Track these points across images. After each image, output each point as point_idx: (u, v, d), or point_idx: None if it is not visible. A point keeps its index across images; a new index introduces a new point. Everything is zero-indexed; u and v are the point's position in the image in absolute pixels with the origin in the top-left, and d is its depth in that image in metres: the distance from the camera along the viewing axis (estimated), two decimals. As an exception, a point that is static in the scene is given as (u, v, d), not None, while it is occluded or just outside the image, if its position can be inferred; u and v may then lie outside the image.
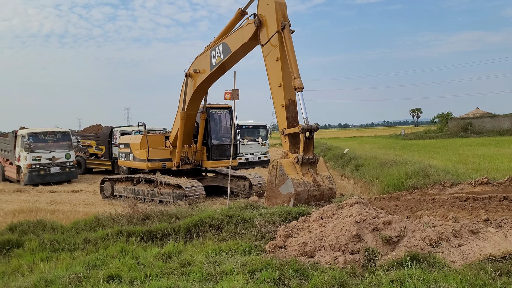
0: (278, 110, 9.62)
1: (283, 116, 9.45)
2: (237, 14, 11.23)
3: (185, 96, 13.41)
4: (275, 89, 9.67)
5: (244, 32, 10.49)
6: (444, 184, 10.98)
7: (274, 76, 9.66)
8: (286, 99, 9.38)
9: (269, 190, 9.30)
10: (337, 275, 4.96)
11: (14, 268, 6.31)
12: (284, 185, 8.83)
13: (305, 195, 8.75)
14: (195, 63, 13.03)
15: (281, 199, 8.90)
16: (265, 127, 26.62)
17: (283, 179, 8.89)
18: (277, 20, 9.42)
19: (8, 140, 22.07)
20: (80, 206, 14.13)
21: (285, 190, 8.82)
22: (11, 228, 8.06)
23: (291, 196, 8.65)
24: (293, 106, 9.52)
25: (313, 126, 9.03)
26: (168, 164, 14.42)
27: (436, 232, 5.68)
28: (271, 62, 9.72)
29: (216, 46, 11.75)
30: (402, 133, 55.56)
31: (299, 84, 9.08)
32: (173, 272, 5.54)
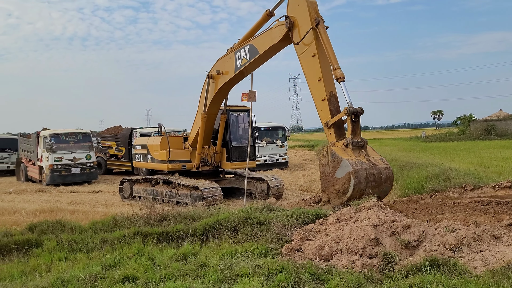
0: (319, 104, 9.45)
1: (325, 108, 9.27)
2: (264, 15, 11.24)
3: (207, 97, 13.43)
4: (314, 84, 9.56)
5: (274, 33, 10.48)
6: (465, 188, 10.74)
7: (312, 72, 9.59)
8: (327, 91, 9.26)
9: (324, 181, 8.88)
10: (354, 280, 4.87)
11: (32, 267, 6.37)
12: (340, 168, 8.41)
13: (364, 173, 8.30)
14: (218, 65, 13.01)
15: (339, 183, 8.41)
16: (283, 129, 26.54)
17: (337, 163, 8.48)
18: (310, 18, 9.45)
19: (31, 141, 22.48)
20: (99, 206, 14.28)
21: (342, 172, 8.36)
22: (31, 227, 8.16)
23: (350, 175, 8.16)
24: (334, 98, 9.38)
25: (358, 109, 8.90)
26: (188, 166, 14.47)
27: (456, 236, 5.54)
28: (308, 59, 9.67)
29: (242, 48, 11.73)
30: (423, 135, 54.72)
31: (340, 74, 9.05)
32: (188, 274, 5.52)
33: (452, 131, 56.32)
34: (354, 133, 8.83)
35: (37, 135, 21.45)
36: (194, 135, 14.48)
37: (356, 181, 8.13)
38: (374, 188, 8.41)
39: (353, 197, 8.15)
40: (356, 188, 8.15)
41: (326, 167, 8.76)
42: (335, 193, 8.50)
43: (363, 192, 8.24)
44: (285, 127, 27.07)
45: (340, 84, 9.09)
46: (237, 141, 14.88)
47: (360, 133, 8.98)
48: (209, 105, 13.55)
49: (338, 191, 8.39)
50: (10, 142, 27.32)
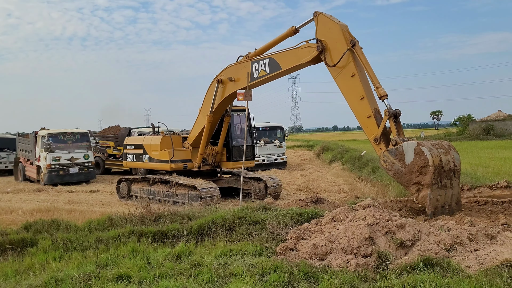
0: (364, 121, 9.45)
1: (372, 125, 9.25)
2: (289, 31, 11.28)
3: (214, 100, 13.40)
4: (356, 103, 9.56)
5: (301, 53, 10.50)
6: (462, 187, 10.74)
7: (353, 91, 9.60)
8: (371, 108, 9.30)
9: (401, 178, 8.48)
10: (347, 279, 4.87)
11: (26, 266, 6.36)
12: (406, 154, 8.25)
13: (427, 143, 8.33)
14: (230, 71, 12.90)
15: (415, 163, 8.12)
16: (282, 129, 26.52)
17: (401, 153, 8.34)
18: (345, 40, 9.52)
19: (29, 140, 22.45)
20: (96, 206, 14.26)
21: (411, 154, 8.19)
22: (26, 227, 8.14)
23: (418, 146, 8.08)
24: (379, 114, 9.36)
25: (397, 111, 8.99)
26: (189, 165, 14.44)
27: (451, 236, 5.54)
28: (346, 79, 9.69)
29: (261, 60, 11.68)
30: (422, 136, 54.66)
31: (384, 92, 9.16)
32: (182, 273, 5.51)
33: (451, 131, 56.36)
34: (398, 133, 8.84)
35: (35, 135, 21.41)
36: (195, 135, 14.44)
37: (427, 148, 8.07)
38: (445, 154, 8.36)
39: (436, 164, 8.01)
40: (432, 153, 8.06)
41: (393, 166, 8.55)
42: (419, 173, 8.15)
43: (440, 158, 8.16)
44: (284, 127, 27.05)
45: (385, 102, 9.14)
46: (238, 141, 14.90)
47: (403, 133, 9.01)
48: (216, 108, 13.53)
49: (421, 167, 8.09)
50: (8, 141, 27.28)
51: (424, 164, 7.99)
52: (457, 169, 8.58)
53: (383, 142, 8.93)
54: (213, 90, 13.36)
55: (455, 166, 8.47)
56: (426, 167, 7.97)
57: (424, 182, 8.05)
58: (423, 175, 8.05)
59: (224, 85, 13.06)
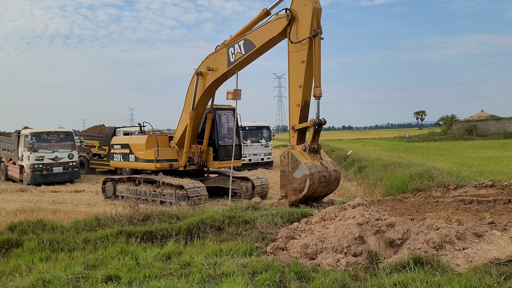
0: (292, 107, 10.12)
1: (296, 113, 10.01)
2: (261, 13, 11.29)
3: (195, 95, 13.34)
4: (294, 88, 10.05)
5: (273, 26, 10.56)
6: (448, 187, 10.88)
7: (296, 76, 10.01)
8: (302, 99, 9.89)
9: (283, 179, 9.91)
10: (338, 278, 4.88)
11: (12, 268, 6.26)
12: (298, 170, 9.51)
13: (317, 175, 9.47)
14: (208, 61, 12.91)
15: (296, 183, 9.49)
16: (268, 128, 26.52)
17: (296, 165, 9.57)
18: (311, 26, 9.62)
19: (12, 140, 22.08)
20: (82, 206, 14.09)
21: (300, 173, 9.47)
22: (11, 227, 8.00)
23: (306, 177, 9.29)
24: (307, 107, 10.02)
25: (322, 121, 9.83)
26: (175, 165, 14.34)
27: (440, 234, 5.59)
28: (296, 62, 9.97)
29: (236, 43, 11.71)
30: (406, 136, 55.34)
31: (319, 93, 9.74)
32: (173, 273, 5.47)
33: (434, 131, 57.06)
34: (313, 140, 9.88)
35: (18, 134, 21.08)
36: (180, 134, 14.36)
37: (311, 182, 9.32)
38: (324, 187, 9.72)
39: (307, 195, 9.38)
40: (311, 188, 9.35)
41: (286, 167, 9.84)
42: (292, 191, 9.57)
43: (315, 190, 9.55)
44: (270, 127, 27.06)
45: (315, 102, 9.87)
46: (224, 140, 14.82)
47: (318, 140, 10.07)
48: (197, 103, 13.46)
49: (295, 189, 9.50)
50: (-10, 141, 26.80)
51: (299, 189, 9.44)
52: (327, 194, 10.23)
53: (297, 133, 10.05)
54: (194, 84, 13.32)
55: (325, 194, 10.07)
56: (300, 191, 9.41)
57: (290, 198, 9.60)
58: (294, 194, 9.55)
59: (204, 77, 13.09)
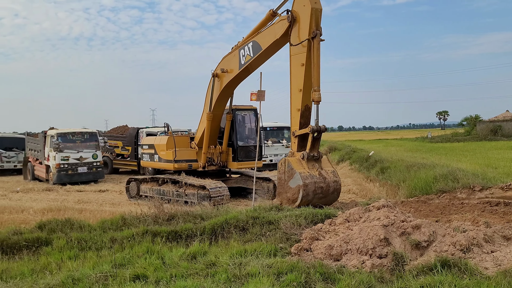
0: (293, 112, 10.07)
1: (296, 119, 9.94)
2: (268, 15, 11.29)
3: (212, 96, 13.46)
4: (294, 92, 9.99)
5: (276, 28, 10.57)
6: (473, 188, 10.70)
7: (296, 79, 9.93)
8: (303, 104, 9.79)
9: (279, 187, 9.90)
10: (364, 280, 4.87)
11: (42, 265, 6.40)
12: (293, 179, 9.42)
13: (312, 186, 9.31)
14: (223, 63, 13.04)
15: (290, 192, 9.42)
16: (289, 129, 26.44)
17: (291, 174, 9.49)
18: (310, 27, 9.53)
19: (38, 140, 22.57)
20: (106, 205, 14.33)
21: (294, 183, 9.38)
22: (40, 226, 8.19)
23: (300, 187, 9.17)
24: (307, 112, 9.91)
25: (321, 127, 9.65)
26: (194, 165, 14.47)
27: (467, 237, 5.53)
28: (296, 65, 9.91)
29: (246, 45, 11.78)
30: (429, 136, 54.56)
31: (317, 97, 9.50)
32: (199, 273, 5.54)
33: (458, 131, 56.12)
34: (312, 148, 9.69)
35: (44, 134, 21.53)
36: (200, 135, 14.49)
37: (304, 194, 9.20)
38: (320, 199, 9.47)
39: (301, 205, 9.12)
40: (304, 199, 9.21)
41: (282, 175, 9.78)
42: (287, 200, 9.49)
43: (310, 202, 9.29)
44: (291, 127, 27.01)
45: (314, 106, 9.67)
46: (243, 141, 14.86)
47: (318, 148, 9.93)
48: (215, 104, 13.57)
49: (289, 198, 9.42)
50: (17, 141, 27.46)
51: (293, 199, 9.33)
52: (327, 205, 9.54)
53: (298, 139, 9.95)
54: (211, 86, 13.45)
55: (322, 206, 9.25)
56: (293, 201, 9.27)
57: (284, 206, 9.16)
58: (288, 201, 9.43)
59: (220, 79, 13.19)
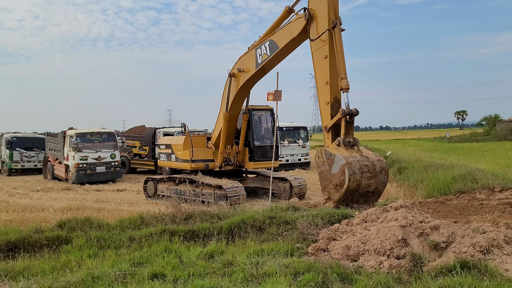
0: (322, 106, 9.72)
1: (327, 112, 9.54)
2: (284, 12, 11.26)
3: (228, 96, 13.51)
4: (321, 86, 9.74)
5: (293, 26, 10.48)
6: (493, 189, 10.54)
7: (321, 73, 9.70)
8: (331, 96, 9.46)
9: (322, 180, 9.18)
10: (382, 280, 4.85)
11: (63, 263, 6.51)
12: (334, 164, 8.76)
13: (357, 164, 8.65)
14: (239, 63, 13.07)
15: (336, 178, 8.71)
16: (305, 129, 26.47)
17: (331, 160, 8.85)
18: (328, 18, 9.40)
19: (58, 140, 22.95)
20: (124, 204, 14.50)
21: (336, 167, 8.71)
22: (60, 224, 8.33)
23: (344, 166, 8.51)
24: (337, 104, 9.54)
25: (353, 111, 9.11)
26: (211, 165, 14.55)
27: (487, 238, 5.46)
28: (319, 59, 9.73)
29: (262, 44, 11.76)
30: (447, 136, 53.86)
31: (345, 85, 9.17)
32: (216, 272, 5.57)
33: (477, 131, 55.26)
34: (346, 133, 9.14)
35: (64, 135, 21.88)
36: (217, 135, 14.56)
37: (351, 172, 8.45)
38: (370, 178, 8.74)
39: (350, 188, 8.49)
40: (352, 178, 8.45)
41: (322, 166, 9.15)
42: (334, 188, 8.76)
43: (360, 182, 8.60)
44: (307, 127, 26.99)
45: (344, 95, 9.27)
46: (260, 141, 14.91)
47: (353, 134, 9.30)
48: (231, 104, 13.61)
49: (336, 185, 8.68)
50: (37, 141, 27.96)
51: (340, 183, 8.67)
52: (379, 190, 9.15)
53: (331, 133, 9.40)
54: (227, 86, 13.48)
55: (376, 189, 8.94)
56: (341, 186, 8.55)
57: (333, 197, 8.73)
58: (336, 191, 8.71)
59: (237, 78, 13.19)
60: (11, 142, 27.17)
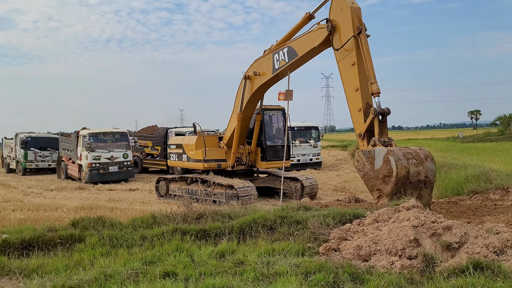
0: (354, 113, 9.50)
1: (360, 119, 9.34)
2: (304, 18, 11.25)
3: (243, 97, 13.53)
4: (351, 93, 9.56)
5: (314, 36, 10.45)
6: (507, 189, 10.42)
7: (350, 80, 9.58)
8: (363, 102, 9.32)
9: (368, 181, 8.77)
10: (394, 281, 4.83)
11: (76, 261, 6.58)
12: (376, 158, 8.48)
13: (400, 152, 8.40)
14: (255, 66, 13.06)
15: (381, 171, 8.35)
16: (317, 129, 26.40)
17: (371, 157, 8.59)
18: (353, 25, 9.40)
19: (71, 140, 23.19)
20: (136, 204, 14.60)
21: (379, 160, 8.40)
22: (74, 223, 8.42)
23: (388, 155, 8.21)
24: (369, 109, 9.30)
25: (385, 110, 9.00)
26: (223, 165, 14.58)
27: (500, 239, 5.40)
28: (347, 66, 9.64)
29: (280, 50, 11.74)
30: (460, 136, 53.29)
31: (376, 89, 9.10)
32: (227, 271, 5.60)
33: (490, 131, 54.60)
34: (381, 133, 8.95)
35: (77, 134, 22.10)
36: (229, 135, 14.59)
37: (396, 158, 8.15)
38: (417, 165, 8.37)
39: (400, 176, 8.11)
40: (398, 164, 8.12)
41: (364, 167, 8.82)
42: (383, 181, 8.38)
43: (408, 169, 8.21)
44: (319, 127, 26.92)
45: (374, 99, 9.15)
46: (272, 141, 14.93)
47: (387, 133, 9.08)
48: (245, 105, 13.64)
49: (384, 176, 8.30)
50: (51, 141, 28.29)
51: (388, 174, 8.17)
52: (430, 180, 8.62)
53: (366, 139, 9.11)
54: (242, 87, 13.49)
55: (426, 178, 8.49)
56: (389, 176, 8.15)
57: (385, 191, 8.28)
58: (385, 184, 8.25)
59: (252, 81, 13.18)
60: (25, 142, 27.52)
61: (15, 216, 11.85)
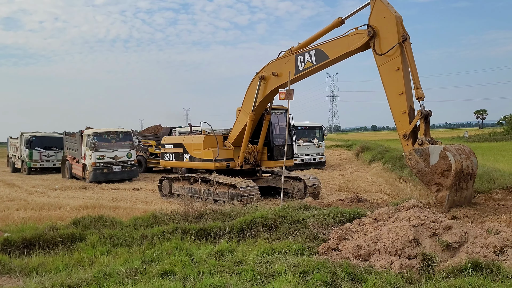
0: (398, 115, 9.95)
1: (404, 121, 9.80)
2: (336, 22, 11.35)
3: (256, 97, 13.50)
4: (395, 97, 9.96)
5: (351, 40, 10.66)
6: (510, 189, 10.35)
7: (394, 84, 9.96)
8: (408, 105, 9.76)
9: (424, 177, 9.18)
10: (392, 280, 4.81)
11: (76, 260, 6.60)
12: (431, 156, 8.97)
13: (452, 147, 9.05)
14: (273, 67, 12.98)
15: (439, 166, 8.80)
16: (321, 128, 26.32)
17: (426, 155, 9.06)
18: (398, 33, 9.73)
19: (75, 139, 23.26)
20: (139, 203, 14.62)
21: (435, 157, 8.89)
22: (75, 222, 8.46)
23: (444, 151, 8.72)
24: (412, 112, 9.85)
25: (429, 112, 9.56)
26: (232, 164, 14.54)
27: (500, 239, 5.37)
28: (390, 71, 10.00)
29: (306, 52, 11.78)
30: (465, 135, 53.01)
31: (422, 94, 9.63)
32: (225, 270, 5.59)
33: (496, 131, 54.29)
34: (426, 133, 9.48)
35: (81, 134, 22.16)
36: (236, 134, 14.53)
37: (452, 153, 8.73)
38: (466, 159, 9.03)
39: (458, 169, 8.62)
40: (455, 159, 8.67)
41: (418, 165, 9.26)
42: (441, 175, 8.81)
43: (462, 164, 8.78)
44: (323, 127, 26.85)
45: (420, 103, 9.66)
46: (278, 140, 14.98)
47: (430, 133, 9.63)
48: (258, 105, 13.61)
49: (443, 170, 8.76)
50: (56, 140, 28.40)
51: (447, 168, 8.69)
52: (474, 173, 9.40)
53: (411, 139, 9.61)
54: (255, 87, 13.45)
55: (472, 171, 9.24)
56: (448, 171, 8.66)
57: (445, 184, 8.77)
58: (444, 178, 8.77)
59: (267, 81, 13.14)
60: (30, 142, 27.66)
61: (19, 215, 11.91)
